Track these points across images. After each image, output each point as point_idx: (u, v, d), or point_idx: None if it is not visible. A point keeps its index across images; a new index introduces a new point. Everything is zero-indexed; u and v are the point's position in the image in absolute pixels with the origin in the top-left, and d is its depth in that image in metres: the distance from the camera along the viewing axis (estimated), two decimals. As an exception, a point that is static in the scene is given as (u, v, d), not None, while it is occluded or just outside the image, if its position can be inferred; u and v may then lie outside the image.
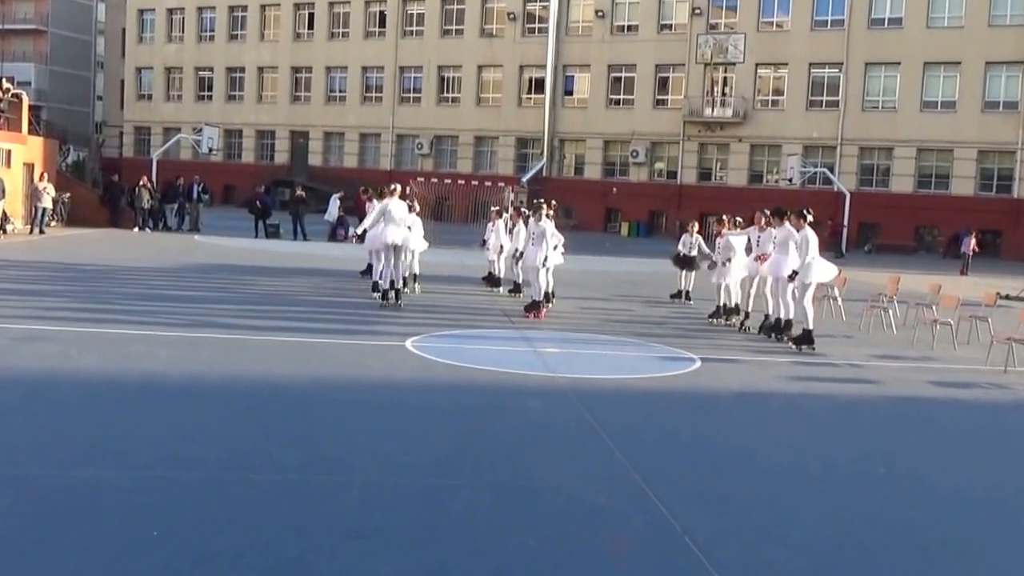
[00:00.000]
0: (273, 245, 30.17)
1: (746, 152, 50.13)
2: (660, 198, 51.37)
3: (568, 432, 8.50)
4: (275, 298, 16.89)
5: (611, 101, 53.23)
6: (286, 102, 61.31)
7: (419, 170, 53.50)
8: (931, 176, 47.12)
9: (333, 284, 19.57)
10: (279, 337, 12.54)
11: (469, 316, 15.93)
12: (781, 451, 8.34)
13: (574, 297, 18.90)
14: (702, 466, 7.70)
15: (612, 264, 30.63)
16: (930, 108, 46.88)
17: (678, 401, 10.19)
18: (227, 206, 56.05)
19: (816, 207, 44.38)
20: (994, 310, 16.06)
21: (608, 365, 12.26)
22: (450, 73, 56.90)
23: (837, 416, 9.97)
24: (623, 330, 15.18)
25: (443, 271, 23.31)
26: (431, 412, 8.98)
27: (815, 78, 48.99)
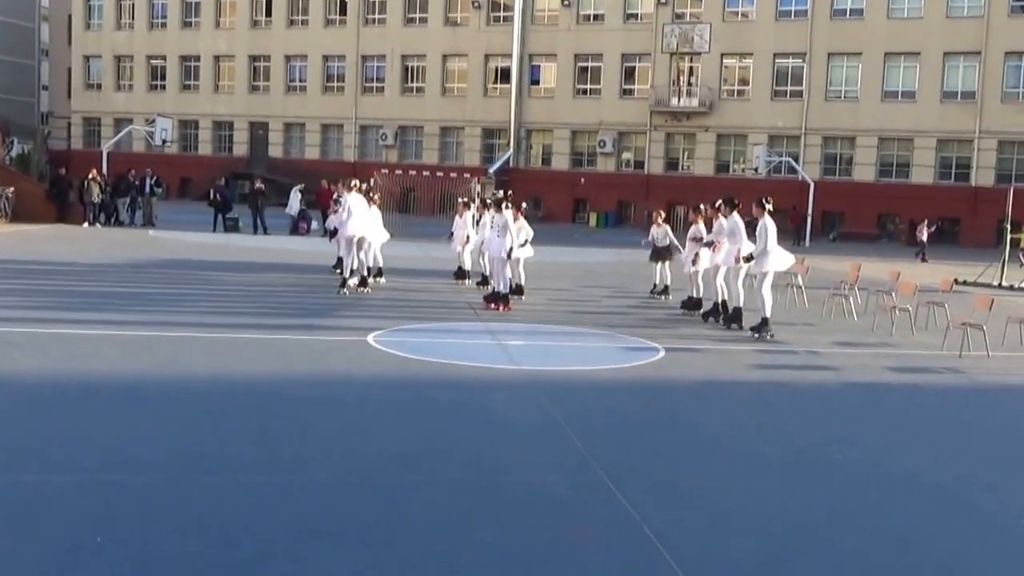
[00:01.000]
0: (232, 239, 29.96)
1: (712, 142, 50.45)
2: (628, 188, 51.58)
3: (531, 425, 8.57)
4: (233, 294, 16.80)
5: (578, 91, 53.32)
6: (244, 92, 60.79)
7: (383, 162, 53.35)
8: (892, 165, 47.71)
9: (294, 279, 19.50)
10: (236, 334, 12.49)
11: (434, 309, 15.94)
12: (742, 439, 8.45)
13: (541, 288, 18.94)
14: (663, 456, 7.79)
15: (580, 255, 30.75)
16: (891, 98, 47.45)
17: (640, 391, 10.27)
18: (183, 200, 55.57)
19: (781, 196, 44.79)
20: (951, 296, 16.36)
21: (572, 357, 12.34)
22: (414, 62, 56.71)
23: (797, 403, 10.13)
24: (588, 321, 15.26)
25: (409, 264, 23.28)
26: (393, 408, 9.00)
27: (779, 68, 49.36)
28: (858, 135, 47.74)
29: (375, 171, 35.75)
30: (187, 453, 7.22)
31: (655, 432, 8.61)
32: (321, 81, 58.84)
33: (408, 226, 33.61)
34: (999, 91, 45.66)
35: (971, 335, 13.55)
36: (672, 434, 8.56)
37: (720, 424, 9.01)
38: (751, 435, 8.65)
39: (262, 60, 60.48)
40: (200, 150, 61.67)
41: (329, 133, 59.21)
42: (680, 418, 9.21)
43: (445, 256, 23.20)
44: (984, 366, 12.75)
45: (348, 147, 58.17)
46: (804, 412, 9.74)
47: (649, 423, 8.97)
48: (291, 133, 60.16)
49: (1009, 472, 7.92)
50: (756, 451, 8.09)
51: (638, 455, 7.77)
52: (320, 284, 18.52)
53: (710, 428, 8.82)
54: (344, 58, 57.99)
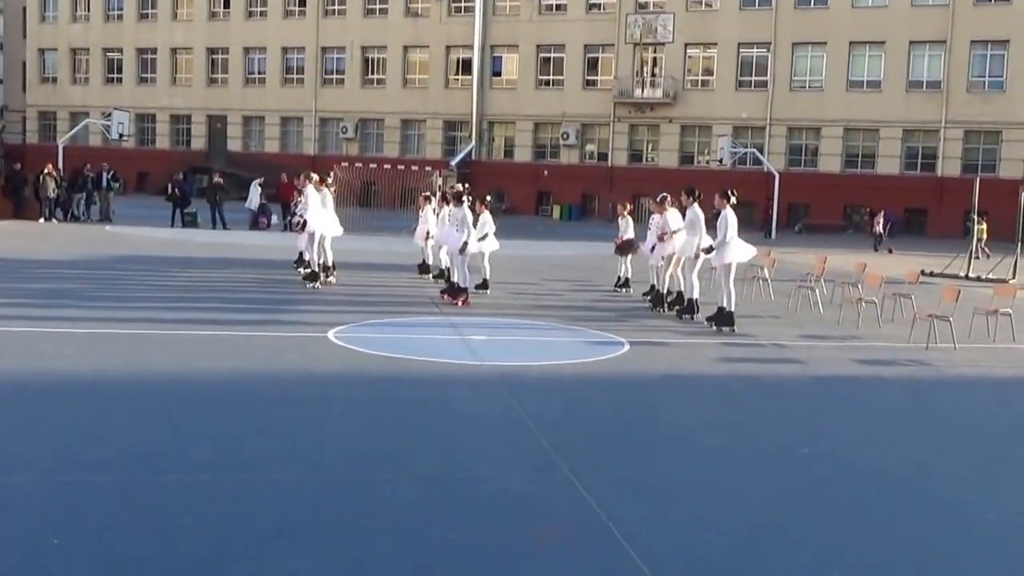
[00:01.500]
0: (190, 235, 29.70)
1: (676, 133, 50.65)
2: (592, 180, 51.68)
3: (494, 422, 8.53)
4: (192, 290, 16.65)
5: (540, 82, 53.34)
6: (202, 85, 60.27)
7: (344, 155, 53.03)
8: (858, 156, 48.13)
9: (254, 274, 19.33)
10: (195, 331, 12.37)
11: (395, 304, 15.87)
12: (709, 434, 8.46)
13: (504, 282, 18.90)
14: (629, 452, 7.77)
15: (543, 248, 30.74)
16: (856, 88, 47.85)
17: (605, 386, 10.27)
18: (141, 194, 54.96)
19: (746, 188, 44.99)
20: (917, 287, 16.51)
21: (535, 351, 12.30)
22: (374, 54, 56.45)
23: (764, 397, 10.15)
24: (552, 315, 15.25)
25: (370, 258, 23.17)
26: (354, 405, 8.94)
27: (744, 58, 49.62)
28: (823, 126, 48.12)
29: (335, 164, 35.41)
30: (145, 452, 7.12)
31: (621, 428, 8.59)
32: (280, 73, 58.44)
33: (369, 220, 33.47)
34: (965, 80, 46.14)
35: (937, 327, 13.66)
36: (638, 430, 8.54)
37: (687, 419, 9.01)
38: (718, 430, 8.65)
39: (220, 52, 59.98)
40: (157, 144, 61.08)
41: (289, 126, 58.84)
42: (646, 413, 9.20)
43: (407, 250, 23.12)
44: (951, 358, 12.85)
45: (308, 140, 57.85)
46: (770, 406, 9.76)
47: (615, 418, 8.95)
48: (250, 126, 59.72)
49: (976, 465, 7.98)
50: (723, 446, 8.10)
51: (604, 451, 7.74)
52: (280, 280, 18.39)
53: (677, 423, 8.83)
54: (303, 50, 57.62)
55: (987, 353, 13.53)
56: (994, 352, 13.62)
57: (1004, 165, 45.11)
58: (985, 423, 9.60)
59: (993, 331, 14.59)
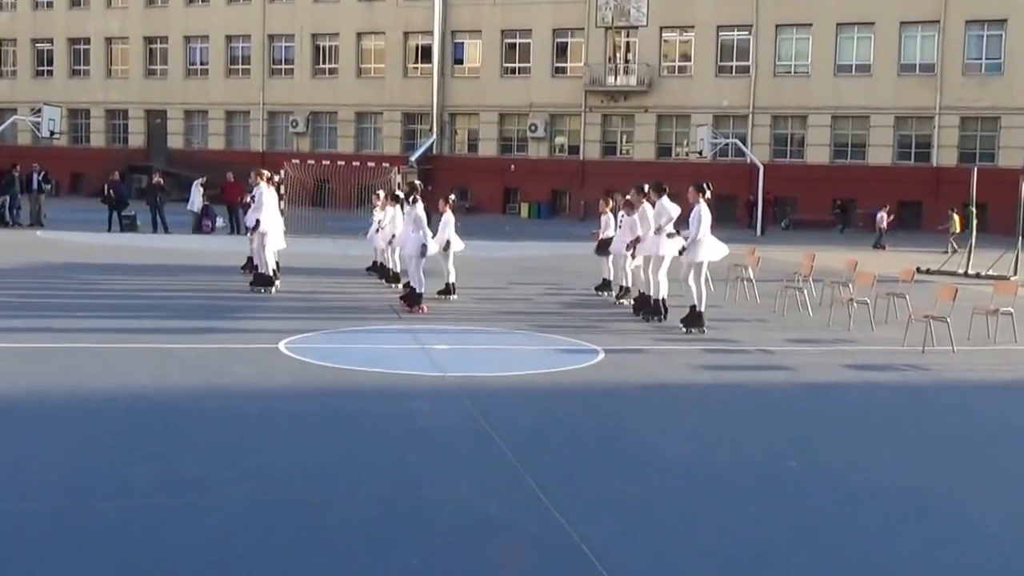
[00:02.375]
0: (129, 239, 29.50)
1: (652, 123, 50.81)
2: (562, 175, 51.77)
3: (457, 436, 8.56)
4: (132, 299, 16.55)
5: (505, 70, 53.39)
6: (139, 77, 59.88)
7: (294, 151, 52.93)
8: (847, 145, 48.46)
9: (197, 282, 19.24)
10: (135, 344, 12.31)
11: (351, 312, 15.88)
12: (688, 447, 8.52)
13: (468, 287, 18.88)
14: (602, 467, 7.82)
15: (510, 249, 30.78)
16: (844, 72, 48.17)
17: (577, 397, 10.32)
18: (75, 197, 54.53)
19: (728, 181, 45.42)
20: (912, 286, 16.65)
21: (502, 361, 12.36)
22: (326, 42, 56.30)
23: (748, 407, 10.24)
24: (520, 322, 15.30)
25: (323, 263, 23.12)
26: (306, 420, 8.95)
27: (724, 42, 49.90)
28: (810, 113, 48.42)
29: (285, 161, 35.31)
30: (81, 475, 7.11)
31: (594, 441, 8.63)
32: (224, 64, 58.17)
33: (323, 221, 33.39)
34: (960, 63, 46.51)
35: (934, 328, 13.79)
36: (612, 443, 8.59)
37: (664, 431, 9.07)
38: (698, 443, 8.72)
39: (159, 42, 59.61)
40: (92, 142, 60.63)
41: (234, 121, 58.58)
42: (621, 426, 9.25)
43: (363, 253, 23.08)
44: (948, 361, 12.99)
45: (255, 136, 57.61)
46: (755, 416, 9.84)
47: (587, 432, 8.99)
48: (192, 121, 59.40)
49: (977, 476, 8.07)
50: (703, 460, 8.16)
51: (575, 467, 7.78)
52: (227, 287, 18.32)
53: (653, 436, 8.88)
54: (249, 38, 57.39)
55: (987, 355, 13.68)
56: (995, 354, 13.78)
57: (1003, 153, 45.54)
58: (986, 431, 9.72)
59: (993, 332, 14.75)
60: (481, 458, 7.87)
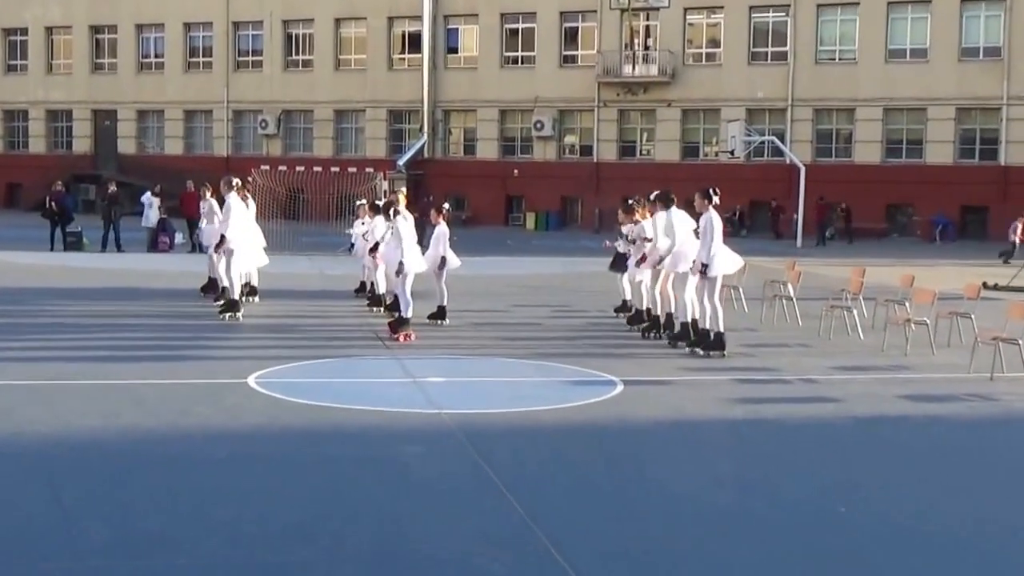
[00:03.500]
0: (74, 259, 29.51)
1: (677, 119, 50.90)
2: (573, 181, 51.80)
3: (456, 484, 8.57)
4: (77, 329, 16.59)
5: (506, 60, 53.56)
6: (85, 72, 60.09)
7: (264, 155, 53.04)
8: (902, 142, 48.47)
9: (156, 308, 19.29)
10: (83, 380, 12.32)
11: (330, 341, 15.93)
12: (720, 492, 8.52)
13: (465, 310, 18.91)
14: (622, 516, 7.82)
15: (514, 266, 30.81)
16: (897, 58, 48.21)
17: (592, 436, 10.33)
18: (11, 211, 54.67)
19: (765, 185, 45.40)
20: (978, 304, 16.63)
21: (506, 395, 12.38)
22: (299, 29, 56.52)
23: (788, 445, 10.25)
24: (526, 350, 15.31)
25: (298, 283, 23.15)
26: (281, 467, 8.96)
27: (757, 25, 50.02)
28: (858, 106, 48.45)
29: (253, 168, 35.47)
30: (21, 533, 7.09)
31: (612, 487, 8.64)
32: (183, 56, 58.42)
33: (296, 236, 33.42)
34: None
35: (1004, 352, 13.79)
36: (633, 488, 8.60)
37: (693, 474, 9.08)
38: (732, 487, 8.73)
39: (107, 31, 59.91)
40: (31, 147, 60.87)
41: (194, 121, 58.82)
42: (643, 468, 9.26)
43: (343, 273, 23.12)
44: (1020, 390, 13.00)
45: (219, 138, 57.81)
46: (797, 456, 9.85)
47: (604, 476, 9.00)
48: (146, 122, 59.66)
49: (1049, 519, 8.08)
50: (738, 507, 8.17)
51: (591, 517, 7.78)
52: (188, 313, 18.36)
53: (680, 480, 8.89)
54: (211, 26, 57.66)
55: (1065, 383, 13.69)
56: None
57: (1082, 149, 45.58)
58: (1062, 469, 9.73)
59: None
60: (483, 508, 7.88)
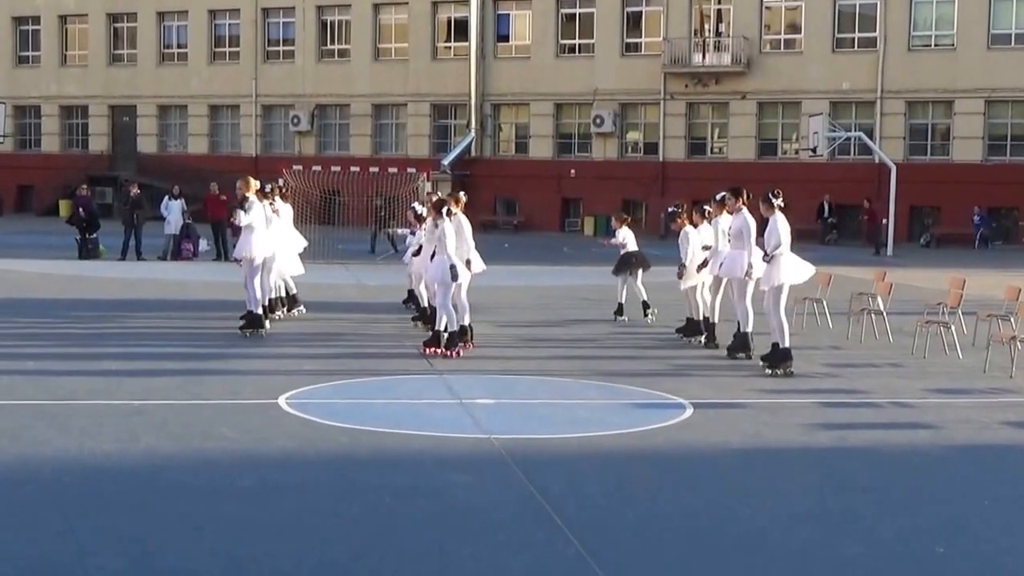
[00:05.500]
0: (92, 268, 29.69)
1: (752, 113, 50.62)
2: (636, 182, 51.63)
3: (506, 516, 8.54)
4: (92, 345, 16.70)
5: (562, 48, 53.50)
6: (102, 64, 60.59)
7: (296, 154, 53.21)
8: (1006, 138, 47.95)
9: (178, 321, 19.43)
10: (100, 400, 12.42)
11: (369, 358, 15.90)
12: (803, 529, 8.46)
13: (514, 324, 19.03)
14: (696, 555, 7.79)
15: (571, 276, 30.78)
16: (1001, 44, 47.61)
17: (660, 465, 10.29)
18: (23, 214, 55.35)
19: (851, 186, 45.19)
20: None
21: (562, 419, 12.34)
22: (334, 16, 56.74)
23: (880, 476, 10.14)
24: (584, 368, 15.31)
25: (334, 295, 23.22)
26: (315, 497, 8.97)
27: (843, 8, 49.68)
28: (957, 98, 47.95)
29: (285, 168, 35.61)
30: (32, 565, 7.14)
31: (680, 522, 8.60)
32: (207, 46, 58.76)
33: (332, 243, 33.55)
34: None
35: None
36: (706, 524, 8.56)
37: (772, 509, 9.01)
38: (816, 523, 8.65)
39: (125, 20, 60.34)
40: (43, 146, 61.46)
41: (220, 117, 59.19)
42: (716, 502, 9.20)
43: (383, 283, 23.17)
44: None
45: (247, 136, 58.06)
46: (890, 490, 9.74)
47: (672, 509, 8.96)
48: (168, 119, 60.05)
49: None
50: (824, 547, 8.09)
51: (657, 555, 7.75)
52: (213, 327, 18.40)
53: (758, 515, 8.82)
54: (238, 13, 57.93)
55: None
56: None
57: None
58: None
59: None
60: (538, 545, 7.85)
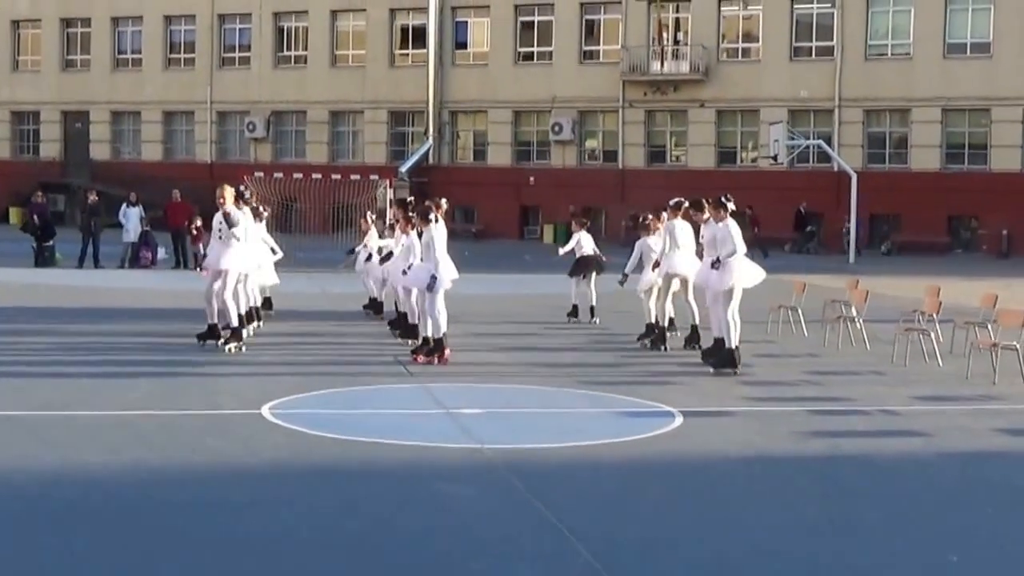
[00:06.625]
0: (49, 276, 29.44)
1: (711, 121, 50.77)
2: (596, 189, 51.52)
3: (513, 529, 8.44)
4: (60, 354, 16.58)
5: (521, 56, 53.56)
6: (54, 70, 60.22)
7: (252, 161, 53.11)
8: (963, 146, 48.37)
9: (147, 329, 19.22)
10: (75, 411, 12.29)
11: (346, 367, 15.88)
12: (813, 537, 8.43)
13: (488, 333, 19.00)
14: (708, 565, 7.76)
15: (537, 284, 30.71)
16: (957, 53, 48.12)
17: (660, 474, 10.28)
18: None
19: (812, 194, 45.26)
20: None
21: (553, 428, 12.33)
22: (291, 22, 56.62)
23: (880, 485, 10.13)
24: (568, 377, 15.30)
25: (300, 304, 23.08)
26: (311, 510, 8.85)
27: (800, 17, 49.97)
28: (914, 106, 48.32)
29: (247, 175, 35.43)
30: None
31: (691, 531, 8.56)
32: (162, 52, 58.51)
33: (291, 251, 33.32)
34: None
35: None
36: (716, 533, 8.50)
37: (778, 518, 8.98)
38: (826, 534, 8.60)
39: (79, 25, 60.05)
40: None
41: (175, 124, 58.93)
42: (722, 510, 9.16)
43: (348, 291, 23.09)
44: None
45: (202, 142, 57.78)
46: (894, 498, 9.72)
47: (681, 519, 8.91)
48: (121, 125, 59.75)
49: None
50: (837, 557, 8.03)
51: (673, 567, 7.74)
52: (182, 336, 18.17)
53: (765, 524, 8.79)
54: (193, 19, 57.72)
55: None
56: None
57: None
58: None
59: None
60: (547, 556, 7.77)
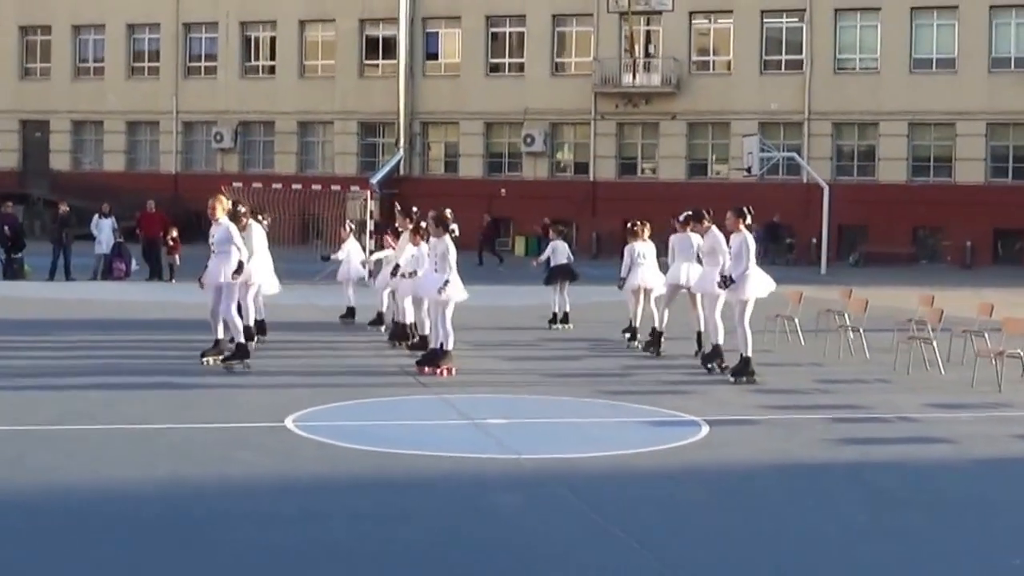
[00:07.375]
0: (19, 289, 28.90)
1: (682, 134, 50.90)
2: (567, 201, 51.45)
3: (578, 539, 8.43)
4: (61, 368, 16.45)
5: (492, 67, 53.50)
6: (13, 77, 59.58)
7: (219, 172, 52.74)
8: (929, 159, 48.77)
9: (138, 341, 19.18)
10: (89, 425, 12.26)
11: (356, 377, 15.83)
12: (874, 544, 8.45)
13: (488, 344, 18.99)
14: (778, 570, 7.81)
15: (517, 296, 30.78)
16: (923, 68, 48.54)
17: (705, 483, 10.37)
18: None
19: (784, 206, 45.46)
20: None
21: (581, 438, 12.36)
22: (259, 32, 56.31)
23: (921, 491, 10.24)
24: (581, 387, 15.34)
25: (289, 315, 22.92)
26: (365, 522, 8.84)
27: (770, 31, 50.22)
28: (881, 120, 48.72)
29: (224, 185, 35.23)
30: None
31: (751, 538, 8.60)
32: (125, 61, 58.06)
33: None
34: (1066, 54, 47.05)
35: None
36: (777, 539, 8.56)
37: (834, 525, 9.02)
38: (884, 539, 8.64)
39: (39, 32, 59.52)
40: (-50, 162, 60.43)
41: (138, 134, 58.47)
42: (775, 517, 9.22)
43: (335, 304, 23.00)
44: None
45: (167, 153, 57.30)
46: (937, 503, 9.83)
47: (736, 526, 8.94)
48: (83, 135, 59.21)
49: None
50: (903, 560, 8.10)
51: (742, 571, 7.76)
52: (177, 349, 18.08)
53: (821, 530, 8.86)
54: (158, 28, 57.32)
55: None
56: None
57: None
58: None
59: None
60: (619, 567, 7.77)
